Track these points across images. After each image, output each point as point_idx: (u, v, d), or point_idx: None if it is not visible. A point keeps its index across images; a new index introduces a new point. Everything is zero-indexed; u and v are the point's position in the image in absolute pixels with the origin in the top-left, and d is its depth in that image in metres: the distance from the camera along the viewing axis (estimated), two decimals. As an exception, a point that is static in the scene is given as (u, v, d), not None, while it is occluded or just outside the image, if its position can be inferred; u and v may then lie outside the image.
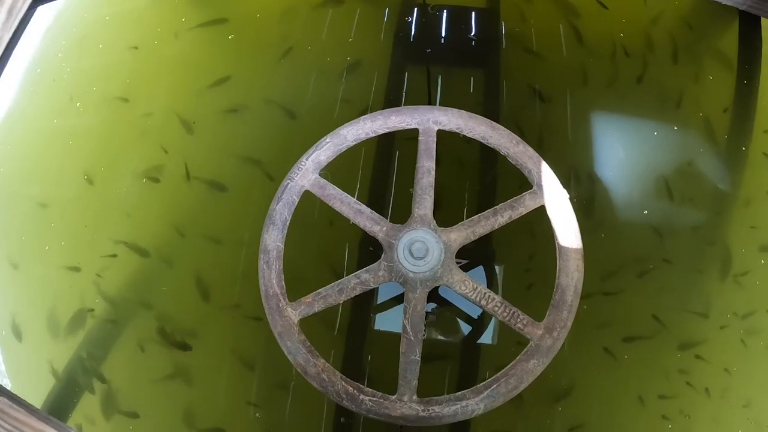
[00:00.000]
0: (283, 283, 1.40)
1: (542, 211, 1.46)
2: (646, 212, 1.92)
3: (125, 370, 1.87)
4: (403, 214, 1.46)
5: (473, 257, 1.86)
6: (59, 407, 1.83)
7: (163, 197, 2.00)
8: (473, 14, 2.16)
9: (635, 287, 1.87)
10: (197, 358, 1.86)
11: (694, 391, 1.78)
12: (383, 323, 1.83)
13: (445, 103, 1.94)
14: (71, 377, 1.86)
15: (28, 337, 1.92)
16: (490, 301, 1.36)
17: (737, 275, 1.87)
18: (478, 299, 1.36)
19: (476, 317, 1.83)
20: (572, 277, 1.40)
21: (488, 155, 1.93)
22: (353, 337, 1.83)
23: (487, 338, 1.83)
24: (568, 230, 1.42)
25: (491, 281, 1.86)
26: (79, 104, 2.11)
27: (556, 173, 1.48)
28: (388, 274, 1.37)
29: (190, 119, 2.06)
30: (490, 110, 2.02)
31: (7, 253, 2.00)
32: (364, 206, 1.40)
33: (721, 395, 1.78)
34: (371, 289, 1.39)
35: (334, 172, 1.88)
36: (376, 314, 1.84)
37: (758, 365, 1.81)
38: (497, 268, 1.87)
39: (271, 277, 1.39)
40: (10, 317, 1.93)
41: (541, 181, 1.43)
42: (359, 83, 2.07)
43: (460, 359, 1.82)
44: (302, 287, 1.45)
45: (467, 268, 1.85)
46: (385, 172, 1.96)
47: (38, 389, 1.84)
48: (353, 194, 1.90)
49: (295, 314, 1.37)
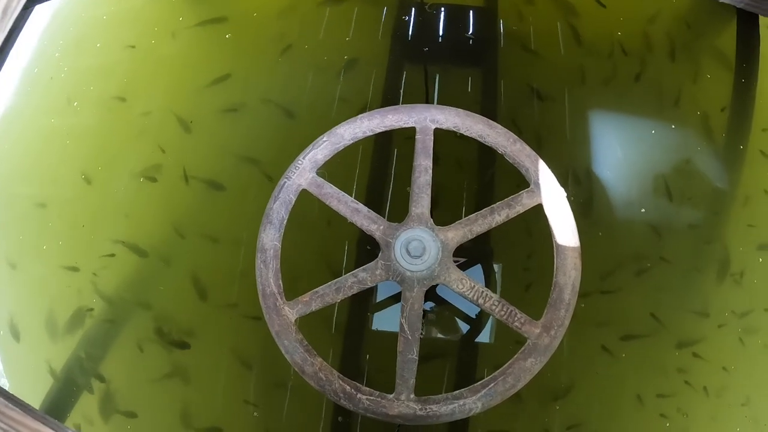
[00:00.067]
0: (280, 282, 1.40)
1: (540, 209, 1.46)
2: (643, 210, 1.91)
3: (123, 369, 1.87)
4: (400, 212, 1.46)
5: (471, 256, 1.86)
6: (57, 407, 1.83)
7: (160, 197, 2.00)
8: (471, 13, 2.16)
9: (633, 286, 1.86)
10: (195, 357, 1.85)
11: (692, 389, 1.78)
12: (381, 322, 1.83)
13: (443, 102, 1.94)
14: (69, 377, 1.86)
15: (26, 337, 1.91)
16: (487, 299, 1.35)
17: (735, 274, 1.87)
18: (475, 298, 1.36)
19: (474, 316, 1.83)
20: (570, 275, 1.40)
21: (486, 154, 1.92)
22: (351, 336, 1.82)
23: (485, 337, 1.83)
24: (565, 228, 1.42)
25: (489, 280, 1.86)
26: (76, 104, 2.11)
27: (554, 172, 1.47)
28: (385, 272, 1.36)
29: (187, 118, 2.06)
30: (487, 109, 2.02)
31: (5, 253, 2.00)
32: (361, 205, 1.40)
33: (719, 394, 1.78)
34: (368, 288, 1.38)
35: (332, 171, 1.88)
36: (374, 313, 1.84)
37: (756, 364, 1.81)
38: (495, 266, 1.87)
39: (268, 276, 1.38)
40: (8, 317, 1.93)
41: (538, 179, 1.43)
42: (357, 82, 2.07)
43: (458, 358, 1.82)
44: (300, 286, 1.44)
45: (465, 266, 1.85)
46: (382, 171, 1.95)
47: (36, 389, 1.84)
48: (351, 193, 1.90)
49: (292, 313, 1.37)
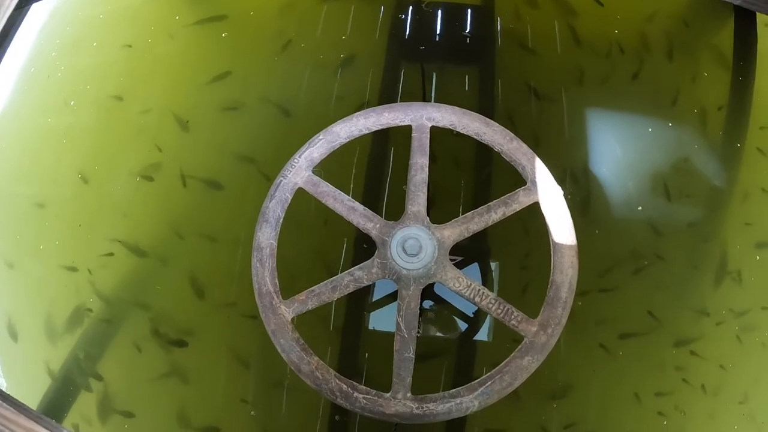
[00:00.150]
0: (276, 280, 1.39)
1: (537, 207, 1.46)
2: (640, 208, 1.91)
3: (121, 369, 1.87)
4: (398, 211, 1.45)
5: (468, 254, 1.86)
6: (55, 407, 1.83)
7: (158, 196, 2.00)
8: (468, 11, 2.15)
9: (631, 284, 1.86)
10: (193, 356, 1.85)
11: (690, 387, 1.78)
12: (379, 321, 1.83)
13: (440, 100, 1.93)
14: (67, 377, 1.85)
15: (24, 337, 1.91)
16: (483, 298, 1.35)
17: (733, 272, 1.87)
18: (472, 296, 1.35)
19: (472, 314, 1.83)
20: (567, 273, 1.39)
21: (484, 152, 1.93)
22: (348, 334, 1.82)
23: (483, 335, 1.83)
24: (562, 227, 1.41)
25: (486, 278, 1.86)
26: (73, 103, 2.11)
27: (551, 170, 1.47)
28: (381, 271, 1.36)
29: (184, 118, 2.05)
30: (485, 107, 2.02)
31: (2, 252, 2.00)
32: (357, 203, 1.39)
33: (717, 392, 1.78)
34: (365, 286, 1.38)
35: (329, 169, 1.88)
36: (371, 312, 1.84)
37: (754, 361, 1.81)
38: (492, 265, 1.87)
39: (264, 274, 1.38)
40: (5, 317, 1.92)
41: (535, 177, 1.42)
42: (354, 81, 2.06)
43: (456, 356, 1.82)
44: (298, 285, 1.44)
45: (462, 265, 1.84)
46: (380, 169, 1.95)
47: (35, 389, 1.84)
48: (348, 192, 1.91)
49: (288, 312, 1.37)
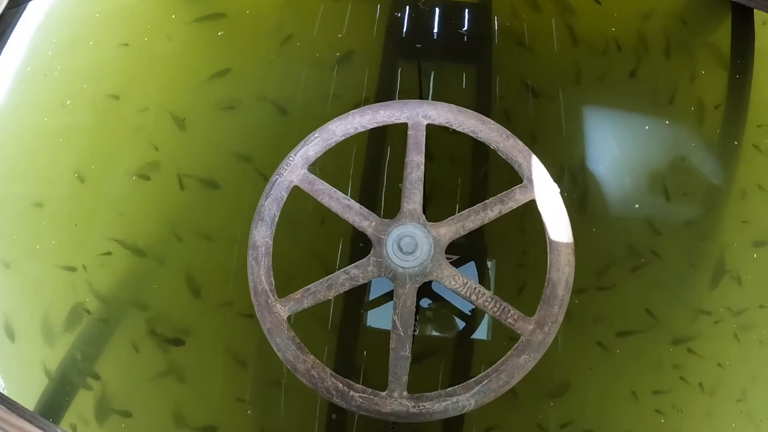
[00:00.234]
0: (272, 279, 1.39)
1: (534, 205, 1.45)
2: (637, 206, 1.91)
3: (118, 369, 1.86)
4: (395, 209, 1.45)
5: (465, 253, 1.85)
6: (52, 407, 1.82)
7: (154, 195, 1.99)
8: (466, 10, 2.15)
9: (628, 282, 1.86)
10: (190, 356, 1.85)
11: (687, 385, 1.78)
12: (377, 319, 1.83)
13: (438, 98, 1.93)
14: (64, 377, 1.85)
15: (21, 337, 1.91)
16: (480, 296, 1.35)
17: (730, 270, 1.87)
18: (468, 294, 1.35)
19: (469, 313, 1.82)
20: (563, 271, 1.39)
21: (481, 150, 1.92)
22: (346, 333, 1.82)
23: (481, 334, 1.83)
24: (558, 224, 1.41)
25: (483, 277, 1.85)
26: (69, 102, 2.10)
27: (548, 168, 1.46)
28: (377, 269, 1.36)
29: (181, 116, 2.05)
30: (482, 105, 2.02)
31: (-1, 252, 2.00)
32: (353, 201, 1.39)
33: (714, 390, 1.78)
34: (360, 284, 1.37)
35: (326, 168, 1.88)
36: (368, 311, 1.84)
37: (751, 360, 1.81)
38: (489, 263, 1.86)
39: (260, 273, 1.38)
40: (2, 317, 1.92)
41: (531, 175, 1.42)
42: (351, 79, 2.06)
43: (453, 355, 1.82)
44: (295, 285, 1.43)
45: (459, 263, 1.84)
46: (377, 168, 1.95)
47: (32, 389, 1.83)
48: (346, 190, 1.90)
49: (284, 310, 1.37)
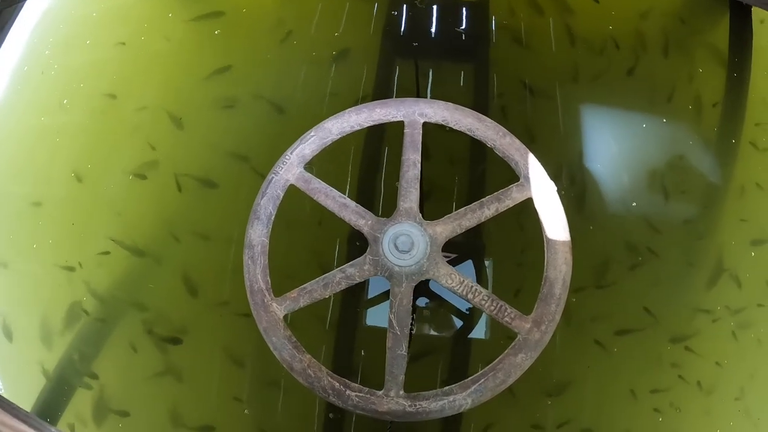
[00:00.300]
0: (268, 278, 1.38)
1: (532, 203, 1.45)
2: (634, 204, 1.90)
3: (116, 368, 1.86)
4: (393, 208, 1.44)
5: (463, 251, 1.85)
6: (50, 407, 1.82)
7: (151, 194, 1.99)
8: (463, 8, 2.15)
9: (627, 280, 1.86)
10: (188, 355, 1.85)
11: (685, 384, 1.78)
12: (375, 319, 1.82)
13: (436, 97, 1.92)
14: (62, 377, 1.85)
15: (18, 337, 1.90)
16: (476, 294, 1.34)
17: (728, 269, 1.86)
18: (464, 293, 1.34)
19: (468, 312, 1.82)
20: (560, 270, 1.38)
21: (478, 149, 1.92)
22: (344, 332, 1.81)
23: (479, 333, 1.82)
24: (555, 223, 1.40)
25: (481, 275, 1.85)
26: (66, 101, 2.10)
27: (546, 167, 1.46)
28: (373, 268, 1.35)
29: (178, 115, 2.04)
30: (479, 104, 2.01)
31: (-4, 252, 1.99)
32: (348, 200, 1.38)
33: (712, 388, 1.78)
34: (357, 283, 1.37)
35: (324, 166, 1.88)
36: (366, 309, 1.83)
37: (749, 358, 1.80)
38: (487, 262, 1.86)
39: (256, 272, 1.37)
40: (0, 318, 1.92)
41: (528, 173, 1.41)
42: (349, 77, 2.05)
43: (451, 354, 1.81)
44: (292, 284, 1.43)
45: (457, 262, 1.84)
46: (375, 167, 1.94)
47: (30, 389, 1.83)
48: (344, 189, 1.90)
49: (280, 309, 1.36)
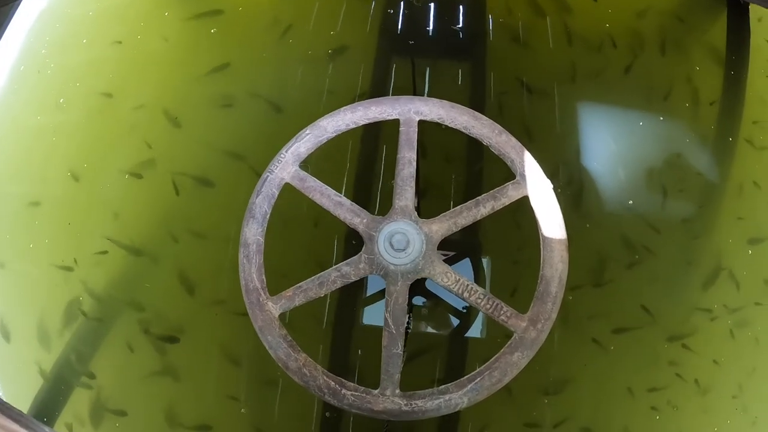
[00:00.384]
0: (263, 277, 1.38)
1: (529, 201, 1.44)
2: (631, 202, 1.90)
3: (113, 368, 1.86)
4: (390, 206, 1.44)
5: (460, 249, 1.85)
6: (48, 407, 1.82)
7: (148, 194, 1.99)
8: (460, 6, 2.14)
9: (624, 278, 1.85)
10: (185, 355, 1.84)
11: (683, 382, 1.78)
12: (372, 317, 1.82)
13: (433, 95, 1.92)
14: (59, 377, 1.84)
15: (16, 337, 1.90)
16: (472, 293, 1.34)
17: (726, 267, 1.86)
18: (460, 291, 1.34)
19: (464, 310, 1.82)
20: (556, 268, 1.38)
21: (475, 147, 1.91)
22: (340, 331, 1.81)
23: (475, 331, 1.82)
24: (552, 221, 1.40)
25: (478, 273, 1.85)
26: (62, 100, 2.09)
27: (544, 165, 1.45)
28: (368, 266, 1.35)
29: (175, 114, 2.04)
30: (476, 102, 2.01)
31: (-7, 252, 1.99)
32: (344, 198, 1.38)
33: (710, 386, 1.77)
34: (352, 282, 1.37)
35: (321, 165, 1.87)
36: (364, 308, 1.83)
37: (747, 356, 1.80)
38: (484, 260, 1.86)
39: (251, 271, 1.37)
40: (-3, 317, 1.92)
41: (524, 171, 1.41)
42: (346, 76, 2.05)
43: (448, 353, 1.81)
44: (289, 283, 1.42)
45: (454, 260, 1.83)
46: (371, 165, 1.94)
47: (27, 390, 1.83)
48: (340, 187, 1.90)
49: (275, 308, 1.36)
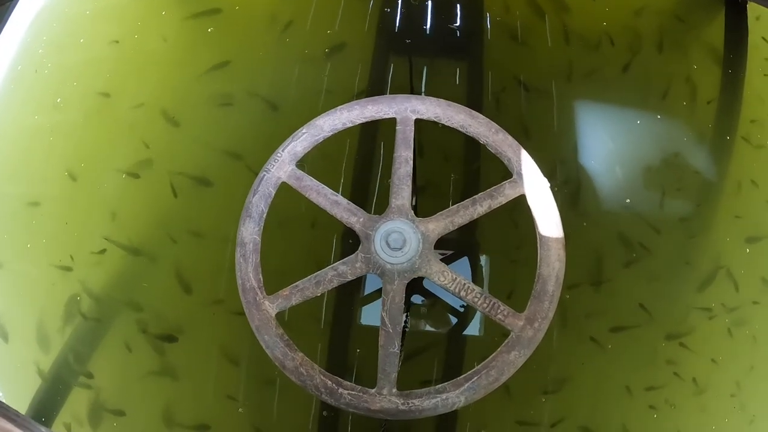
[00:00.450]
0: (260, 276, 1.38)
1: (525, 200, 1.44)
2: (628, 201, 1.90)
3: (111, 368, 1.86)
4: (387, 206, 1.44)
5: (458, 248, 1.85)
6: (46, 407, 1.82)
7: (146, 193, 1.98)
8: (458, 5, 2.14)
9: (622, 277, 1.85)
10: (183, 354, 1.85)
11: (681, 380, 1.78)
12: (370, 317, 1.82)
13: (430, 94, 1.92)
14: (58, 377, 1.85)
15: (14, 337, 1.90)
16: (469, 292, 1.34)
17: (724, 266, 1.86)
18: (457, 290, 1.34)
19: (462, 309, 1.82)
20: (553, 267, 1.38)
21: (473, 145, 1.91)
22: (338, 331, 1.81)
23: (473, 330, 1.82)
24: (548, 219, 1.40)
25: (476, 272, 1.84)
26: (60, 100, 2.09)
27: (541, 163, 1.44)
28: (365, 265, 1.35)
29: (172, 114, 2.04)
30: (474, 100, 2.01)
31: (-10, 252, 1.99)
32: (340, 197, 1.38)
33: (708, 385, 1.77)
34: (349, 281, 1.36)
35: (319, 164, 1.87)
36: (361, 307, 1.83)
37: (745, 355, 1.80)
38: (482, 259, 1.86)
39: (248, 270, 1.37)
40: (-5, 318, 1.92)
41: (521, 169, 1.41)
42: (344, 75, 2.05)
43: (446, 352, 1.81)
44: (287, 282, 1.42)
45: (452, 259, 1.83)
46: (369, 165, 1.94)
47: (26, 390, 1.83)
48: (338, 186, 1.90)
49: (272, 307, 1.36)
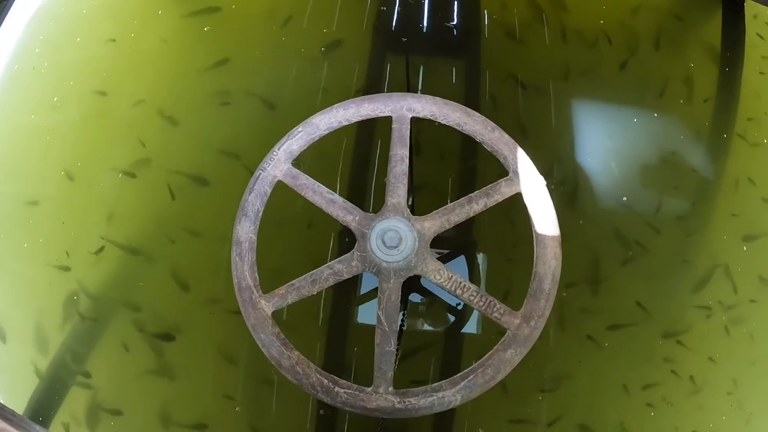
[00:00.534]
0: (256, 275, 1.38)
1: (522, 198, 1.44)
2: (625, 199, 1.90)
3: (109, 367, 1.86)
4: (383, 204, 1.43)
5: (454, 247, 1.85)
6: (44, 407, 1.82)
7: (143, 192, 1.98)
8: (455, 3, 2.14)
9: (619, 275, 1.85)
10: (181, 354, 1.84)
11: (678, 378, 1.78)
12: (367, 315, 1.82)
13: (427, 92, 1.92)
14: (55, 376, 1.84)
15: (12, 337, 1.90)
16: (465, 290, 1.34)
17: (721, 264, 1.86)
18: (453, 288, 1.34)
19: (459, 307, 1.82)
20: (550, 265, 1.38)
21: (469, 144, 1.90)
22: (335, 329, 1.81)
23: (470, 328, 1.82)
24: (545, 217, 1.40)
25: (473, 270, 1.84)
26: (57, 99, 2.09)
27: (538, 161, 1.44)
28: (361, 264, 1.35)
29: (169, 113, 2.04)
30: (471, 99, 2.01)
31: (-12, 252, 1.99)
32: (336, 195, 1.38)
33: (705, 383, 1.77)
34: (345, 279, 1.36)
35: (315, 163, 1.87)
36: (358, 306, 1.83)
37: (742, 353, 1.80)
38: (479, 257, 1.86)
39: (243, 269, 1.37)
40: (-7, 318, 1.92)
41: (517, 167, 1.41)
42: (341, 73, 2.05)
43: (443, 350, 1.81)
44: (284, 281, 1.42)
45: (449, 257, 1.83)
46: (366, 163, 1.94)
47: (24, 390, 1.83)
48: (334, 185, 1.90)
49: (268, 306, 1.36)
